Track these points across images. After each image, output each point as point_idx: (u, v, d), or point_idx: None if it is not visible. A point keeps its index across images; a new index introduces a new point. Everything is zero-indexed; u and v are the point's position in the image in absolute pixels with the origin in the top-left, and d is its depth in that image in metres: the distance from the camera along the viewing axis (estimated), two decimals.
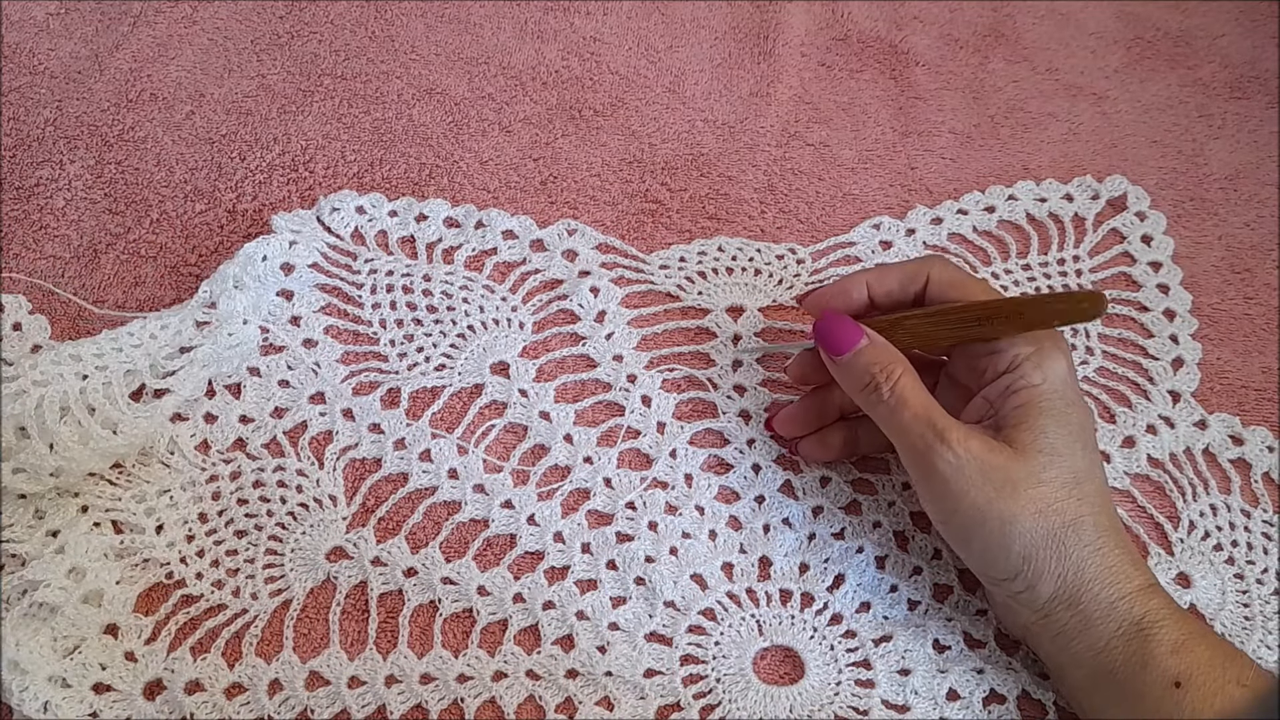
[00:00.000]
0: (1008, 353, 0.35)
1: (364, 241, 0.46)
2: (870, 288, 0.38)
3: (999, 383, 0.35)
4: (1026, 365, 0.35)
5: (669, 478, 0.40)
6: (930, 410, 0.34)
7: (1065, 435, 0.34)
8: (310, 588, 0.37)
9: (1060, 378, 0.34)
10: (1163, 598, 0.33)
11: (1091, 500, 0.33)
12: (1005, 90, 0.55)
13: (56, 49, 0.53)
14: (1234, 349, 0.45)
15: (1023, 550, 0.33)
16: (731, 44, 0.56)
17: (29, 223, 0.47)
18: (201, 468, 0.40)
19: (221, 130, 0.51)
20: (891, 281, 0.38)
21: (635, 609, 0.37)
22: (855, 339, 0.36)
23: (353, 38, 0.55)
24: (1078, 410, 0.34)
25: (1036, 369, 0.34)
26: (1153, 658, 0.31)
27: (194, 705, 0.35)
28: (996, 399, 0.35)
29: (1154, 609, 0.32)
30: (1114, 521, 0.34)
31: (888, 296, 0.38)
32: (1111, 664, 0.32)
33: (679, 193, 0.50)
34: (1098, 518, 0.33)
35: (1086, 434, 0.34)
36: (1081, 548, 0.33)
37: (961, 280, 0.37)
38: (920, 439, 0.34)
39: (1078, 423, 0.34)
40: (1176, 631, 0.32)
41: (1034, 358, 0.35)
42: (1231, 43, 0.58)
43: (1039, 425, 0.34)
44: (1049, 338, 0.35)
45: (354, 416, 0.41)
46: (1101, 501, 0.34)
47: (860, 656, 0.36)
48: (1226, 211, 0.50)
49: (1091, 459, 0.34)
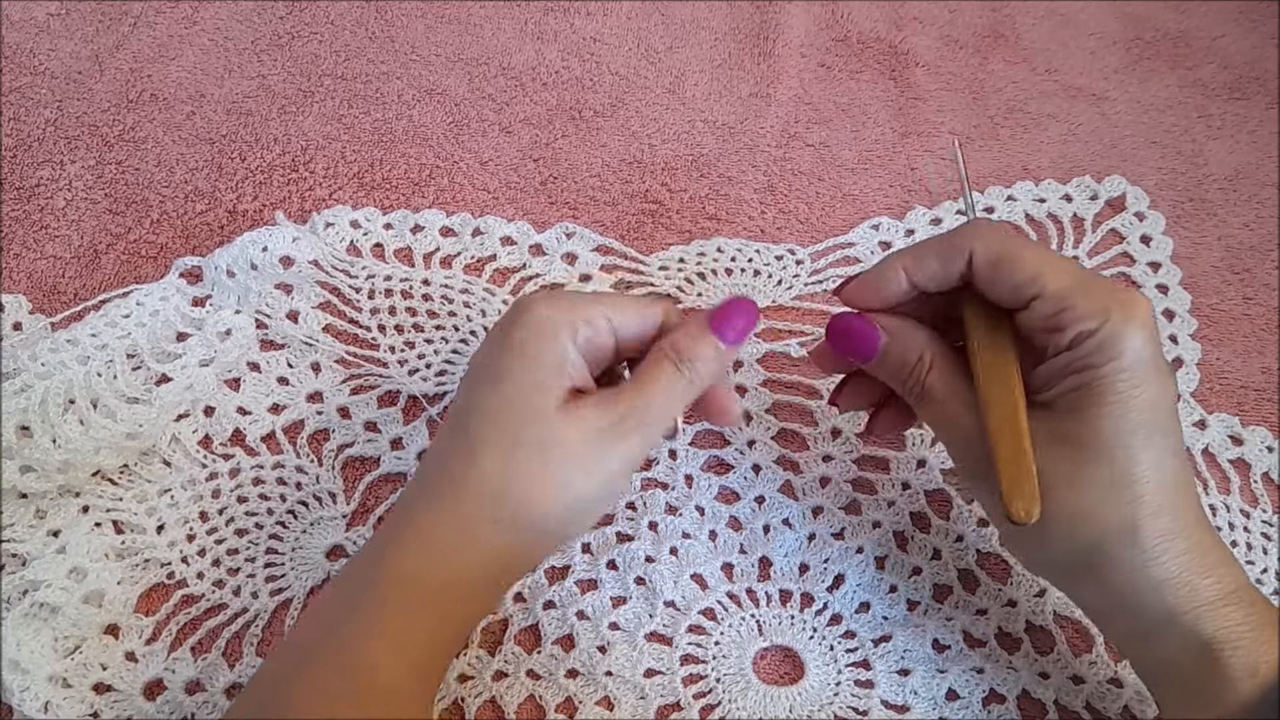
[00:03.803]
0: (1070, 330, 0.29)
1: (360, 255, 0.46)
2: (909, 273, 0.32)
3: (1058, 360, 0.30)
4: (1090, 344, 0.29)
5: (669, 478, 0.40)
6: (950, 404, 0.31)
7: (1122, 425, 0.29)
8: (311, 587, 0.37)
9: (1135, 355, 0.29)
10: (1242, 610, 0.28)
11: (1148, 501, 0.29)
12: (1004, 91, 0.55)
13: (57, 49, 0.54)
14: (1233, 349, 0.45)
15: (1056, 560, 0.31)
16: (731, 45, 0.56)
17: (29, 223, 0.47)
18: (203, 464, 0.40)
19: (222, 130, 0.51)
20: (931, 263, 0.32)
21: (635, 609, 0.37)
22: (874, 342, 0.33)
23: (353, 38, 0.55)
24: (1148, 390, 0.29)
25: (1100, 349, 0.29)
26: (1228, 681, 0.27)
27: (194, 705, 0.35)
28: (1054, 377, 0.30)
29: (1228, 626, 0.28)
30: (1180, 521, 0.29)
31: (931, 280, 0.32)
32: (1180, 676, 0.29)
33: (679, 193, 0.50)
34: (1156, 521, 0.29)
35: (1156, 419, 0.29)
36: (1128, 561, 0.29)
37: (1011, 253, 0.31)
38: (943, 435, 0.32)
39: (1145, 406, 0.29)
40: (1255, 653, 0.27)
41: (1101, 334, 0.29)
42: (1231, 43, 0.58)
43: (1090, 415, 0.29)
44: (1120, 306, 0.29)
45: (351, 415, 0.41)
46: (1164, 501, 0.29)
47: (860, 657, 0.37)
48: (1226, 212, 0.50)
49: (1158, 448, 0.29)
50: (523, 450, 0.30)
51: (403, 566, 0.29)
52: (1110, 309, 0.29)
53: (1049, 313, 0.30)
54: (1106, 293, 0.30)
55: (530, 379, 0.30)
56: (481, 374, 0.31)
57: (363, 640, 0.28)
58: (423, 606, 0.29)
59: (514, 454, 0.30)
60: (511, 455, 0.30)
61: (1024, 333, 0.31)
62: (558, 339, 0.30)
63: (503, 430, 0.30)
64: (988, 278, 0.31)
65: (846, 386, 0.36)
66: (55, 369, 0.38)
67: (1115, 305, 0.29)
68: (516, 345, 0.31)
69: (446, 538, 0.30)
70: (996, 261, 0.31)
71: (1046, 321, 0.30)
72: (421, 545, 0.30)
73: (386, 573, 0.29)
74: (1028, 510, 0.29)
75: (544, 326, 0.30)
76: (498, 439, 0.30)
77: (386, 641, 0.28)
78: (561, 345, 0.30)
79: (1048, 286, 0.30)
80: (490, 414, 0.30)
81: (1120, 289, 0.30)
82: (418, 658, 0.29)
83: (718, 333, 0.31)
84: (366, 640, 0.28)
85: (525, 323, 0.31)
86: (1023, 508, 0.29)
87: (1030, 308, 0.30)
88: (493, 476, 0.30)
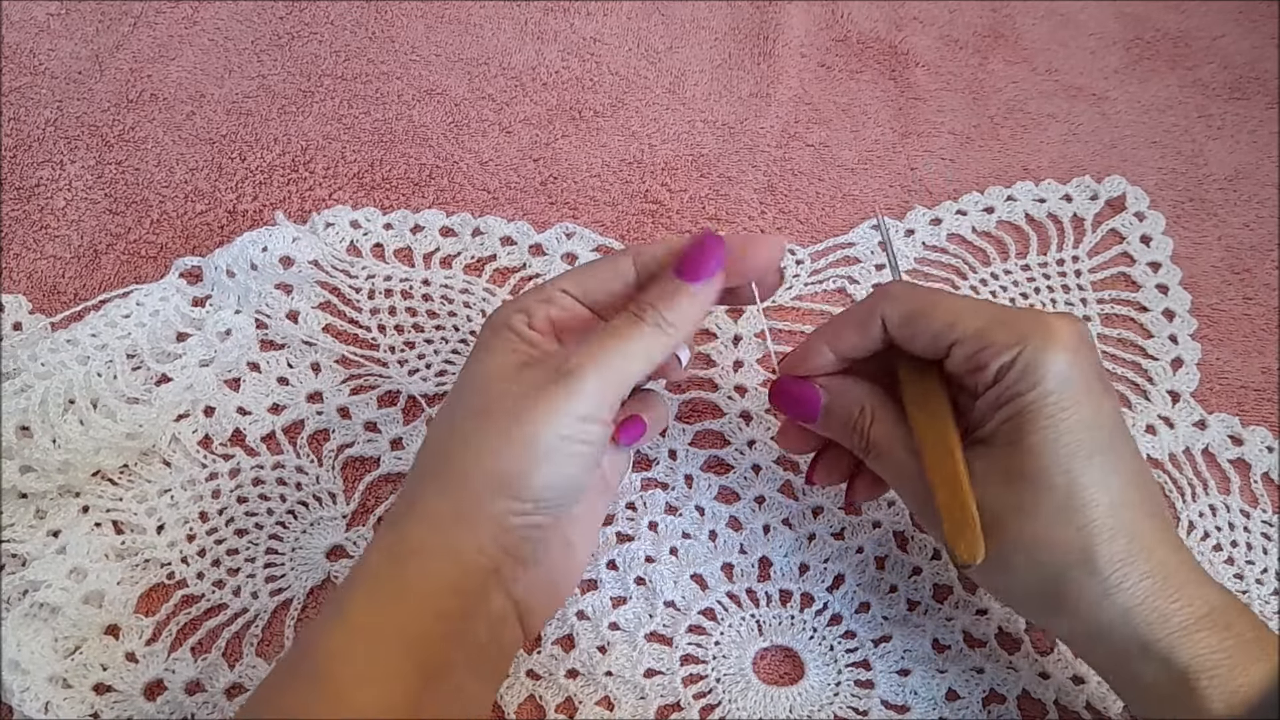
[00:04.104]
0: (991, 365, 0.30)
1: (360, 255, 0.46)
2: (831, 347, 0.33)
3: (987, 397, 0.30)
4: (1011, 374, 0.29)
5: (669, 478, 0.40)
6: (896, 453, 0.32)
7: (1058, 449, 0.28)
8: (310, 587, 0.37)
9: (1058, 378, 0.29)
10: (1217, 634, 0.28)
11: (1100, 524, 0.28)
12: (1005, 91, 0.55)
13: (57, 49, 0.54)
14: (1233, 349, 0.45)
15: (1021, 596, 0.30)
16: (731, 45, 0.56)
17: (29, 223, 0.47)
18: (203, 464, 0.40)
19: (222, 131, 0.51)
20: (849, 335, 0.33)
21: (635, 609, 0.37)
22: (815, 401, 0.33)
23: (353, 38, 0.55)
24: (1079, 410, 0.29)
25: (1022, 377, 0.29)
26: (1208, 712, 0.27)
27: (194, 705, 0.35)
28: (987, 412, 0.30)
29: (1204, 652, 0.27)
30: (1138, 543, 0.28)
31: (853, 350, 0.33)
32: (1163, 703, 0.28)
33: (679, 193, 0.50)
34: (1112, 544, 0.28)
35: (1095, 438, 0.29)
36: (1090, 589, 0.28)
37: (921, 309, 0.31)
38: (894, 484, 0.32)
39: (1078, 427, 0.28)
40: (1231, 680, 0.27)
41: (1019, 362, 0.29)
42: (1231, 43, 0.58)
43: (1026, 444, 0.29)
44: (1037, 333, 0.29)
45: (351, 415, 0.41)
46: (1117, 523, 0.28)
47: (860, 657, 0.37)
48: (1226, 212, 0.50)
49: (1100, 468, 0.28)
50: (468, 420, 0.30)
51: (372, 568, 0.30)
52: (1026, 336, 0.29)
53: (969, 354, 0.30)
54: (1023, 322, 0.30)
55: (482, 367, 0.31)
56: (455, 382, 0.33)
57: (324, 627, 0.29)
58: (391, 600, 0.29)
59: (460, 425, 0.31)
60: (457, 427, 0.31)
61: (953, 379, 0.32)
62: (508, 324, 0.32)
63: (452, 409, 0.31)
64: (905, 336, 0.32)
65: (819, 462, 0.37)
66: (55, 369, 0.38)
67: (1032, 332, 0.29)
68: (476, 345, 0.33)
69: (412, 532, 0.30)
70: (908, 319, 0.31)
71: (969, 363, 0.30)
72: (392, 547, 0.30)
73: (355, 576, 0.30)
74: (970, 553, 0.29)
75: (495, 322, 0.32)
76: (448, 419, 0.31)
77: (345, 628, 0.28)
78: (511, 329, 0.32)
79: (963, 330, 0.30)
80: (448, 405, 0.32)
81: (1043, 316, 0.30)
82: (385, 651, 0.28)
83: (685, 277, 0.31)
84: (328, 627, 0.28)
85: (484, 326, 0.33)
86: (965, 550, 0.29)
87: (951, 354, 0.31)
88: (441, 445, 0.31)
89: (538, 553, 0.31)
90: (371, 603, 0.29)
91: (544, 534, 0.31)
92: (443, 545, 0.29)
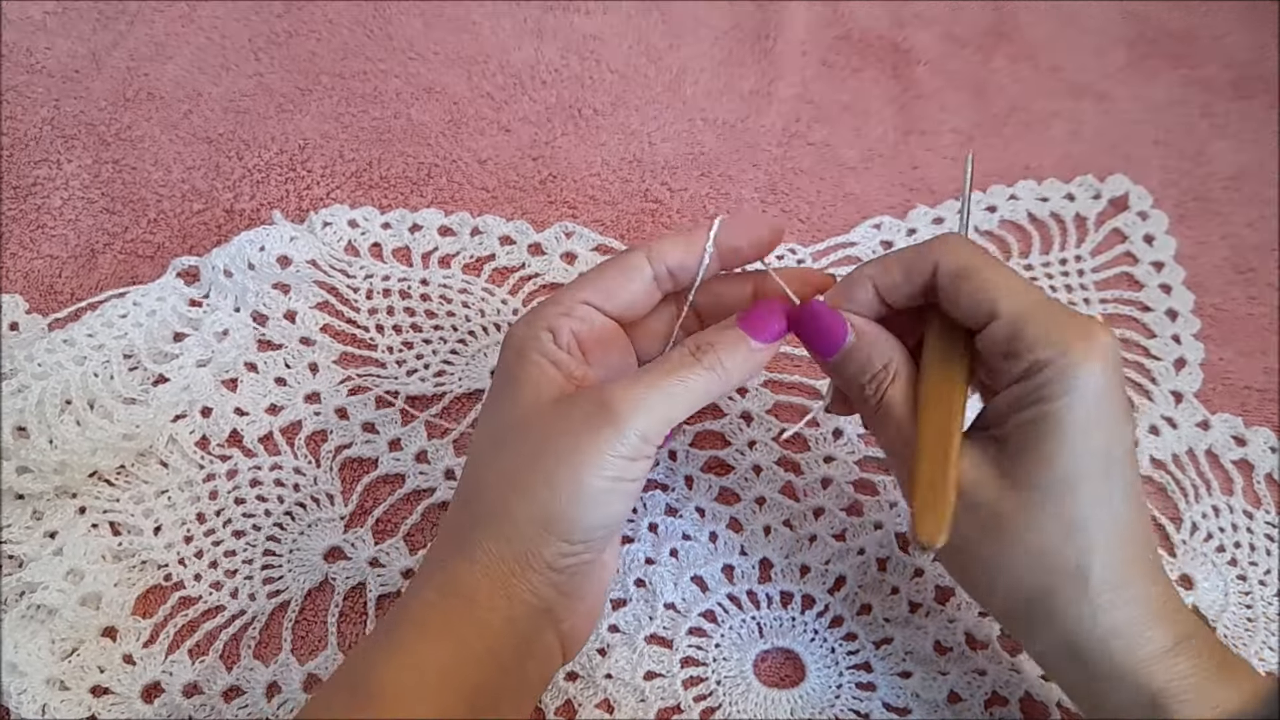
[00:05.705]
0: (1024, 357, 0.28)
1: (358, 255, 0.46)
2: (876, 285, 0.32)
3: (1012, 391, 0.29)
4: (1044, 375, 0.28)
5: (669, 480, 0.40)
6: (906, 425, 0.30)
7: (1078, 466, 0.28)
8: (308, 589, 0.37)
9: (1092, 392, 0.27)
10: (1190, 660, 0.28)
11: (1099, 547, 0.28)
12: (1007, 89, 0.55)
13: (54, 48, 0.53)
14: (1237, 349, 0.45)
15: (1006, 604, 0.30)
16: (732, 42, 0.56)
17: (26, 222, 0.47)
18: (200, 465, 0.39)
19: (219, 129, 0.51)
20: (895, 274, 0.31)
21: (635, 611, 0.37)
22: (840, 334, 0.31)
23: (351, 36, 0.55)
24: (1103, 431, 0.28)
25: (1054, 381, 0.28)
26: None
27: (192, 708, 0.34)
28: (1008, 409, 0.29)
29: (1176, 678, 0.27)
30: (1133, 570, 0.28)
31: (895, 290, 0.31)
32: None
33: (679, 192, 0.49)
34: (1106, 569, 0.28)
35: (1110, 463, 0.28)
36: (1079, 606, 0.28)
37: (975, 269, 0.30)
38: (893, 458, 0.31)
39: (1099, 449, 0.28)
40: (1200, 707, 0.27)
41: (1056, 366, 0.28)
42: (1235, 42, 0.58)
43: (1045, 452, 0.28)
44: (1081, 339, 0.28)
45: (349, 416, 0.41)
46: (1117, 548, 0.28)
47: (861, 659, 0.36)
48: (1229, 211, 0.50)
49: (1112, 495, 0.28)
50: (515, 462, 0.30)
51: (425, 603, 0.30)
52: (1069, 341, 0.28)
53: (1004, 336, 0.29)
54: (1068, 323, 0.28)
55: (517, 399, 0.31)
56: (485, 408, 0.33)
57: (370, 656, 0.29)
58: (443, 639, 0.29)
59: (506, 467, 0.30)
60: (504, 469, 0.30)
61: (983, 358, 0.30)
62: (536, 348, 0.31)
63: (495, 446, 0.31)
64: (950, 291, 0.30)
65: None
66: (52, 369, 0.38)
67: (1075, 337, 0.28)
68: (502, 370, 0.32)
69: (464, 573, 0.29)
70: (959, 275, 0.30)
71: (1002, 345, 0.29)
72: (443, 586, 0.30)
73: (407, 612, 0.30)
74: (931, 535, 0.28)
75: (519, 344, 0.31)
76: (490, 457, 0.31)
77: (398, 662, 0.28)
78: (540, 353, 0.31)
79: (1006, 306, 0.29)
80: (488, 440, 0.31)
81: (1086, 320, 0.29)
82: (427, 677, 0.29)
83: (748, 331, 0.31)
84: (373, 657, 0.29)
85: (506, 346, 0.32)
86: (929, 530, 0.28)
87: (988, 329, 0.29)
88: (490, 487, 0.30)
89: (583, 587, 0.31)
90: (423, 640, 0.29)
91: (589, 566, 0.31)
92: (498, 590, 0.29)
